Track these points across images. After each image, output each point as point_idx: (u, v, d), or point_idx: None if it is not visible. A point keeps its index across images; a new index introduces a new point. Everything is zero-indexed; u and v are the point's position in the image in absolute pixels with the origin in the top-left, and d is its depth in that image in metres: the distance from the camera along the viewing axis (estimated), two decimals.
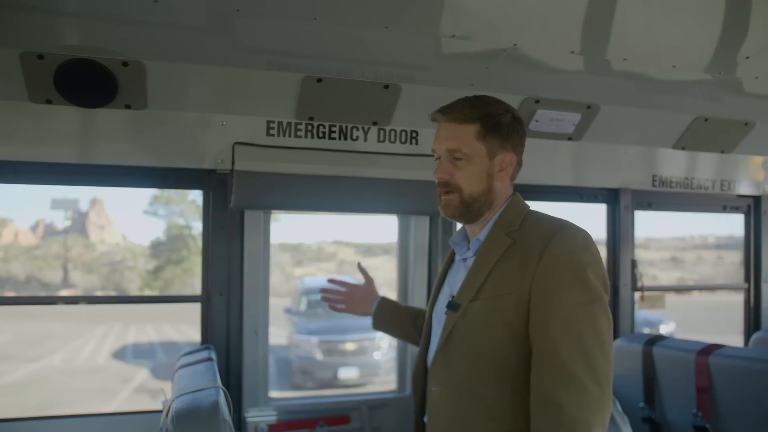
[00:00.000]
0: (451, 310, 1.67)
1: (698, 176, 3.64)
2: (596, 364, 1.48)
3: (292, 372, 9.94)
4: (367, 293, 2.34)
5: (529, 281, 1.56)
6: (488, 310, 1.60)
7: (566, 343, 1.48)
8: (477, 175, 1.69)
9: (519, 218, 1.70)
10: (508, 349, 1.58)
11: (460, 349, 1.64)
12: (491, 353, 1.59)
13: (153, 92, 2.51)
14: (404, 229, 3.21)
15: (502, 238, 1.66)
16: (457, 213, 1.71)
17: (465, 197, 1.69)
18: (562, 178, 3.31)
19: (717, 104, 3.12)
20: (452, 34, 2.26)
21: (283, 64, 2.50)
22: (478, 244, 1.72)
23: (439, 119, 1.74)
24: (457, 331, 1.65)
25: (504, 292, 1.59)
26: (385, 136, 2.93)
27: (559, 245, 1.56)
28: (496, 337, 1.59)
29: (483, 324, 1.60)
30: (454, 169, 1.69)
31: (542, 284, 1.54)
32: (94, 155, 2.59)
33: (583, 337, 1.49)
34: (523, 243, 1.62)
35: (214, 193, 2.76)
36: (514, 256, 1.61)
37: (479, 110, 1.68)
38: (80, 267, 20.48)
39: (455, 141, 1.69)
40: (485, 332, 1.60)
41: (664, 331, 10.85)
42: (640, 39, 2.36)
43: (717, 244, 21.74)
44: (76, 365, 11.92)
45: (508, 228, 1.68)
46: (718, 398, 2.65)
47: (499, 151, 1.70)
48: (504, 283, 1.60)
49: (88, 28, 2.20)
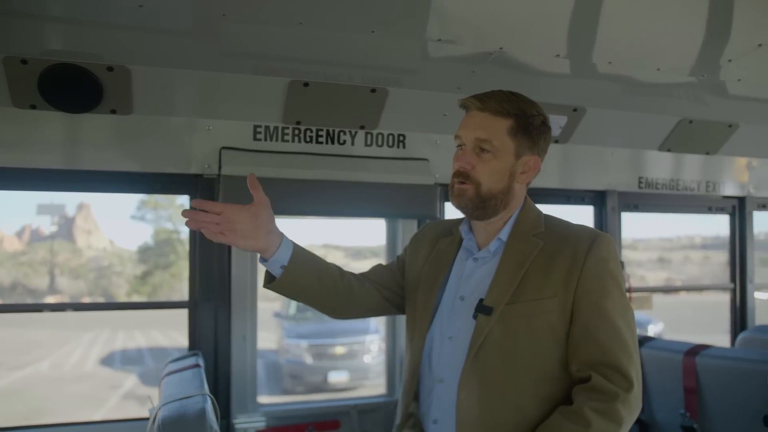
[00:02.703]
0: (484, 314, 1.57)
1: (684, 178, 3.67)
2: (638, 366, 1.54)
3: (282, 376, 9.90)
4: (257, 217, 1.60)
5: (573, 285, 1.54)
6: (531, 313, 1.55)
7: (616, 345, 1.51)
8: (500, 172, 1.61)
9: (540, 221, 1.67)
10: (550, 354, 1.55)
11: (496, 355, 1.55)
12: (533, 358, 1.54)
13: (138, 97, 2.50)
14: (392, 233, 3.21)
15: (531, 239, 1.62)
16: (471, 205, 1.62)
17: (482, 192, 1.60)
18: (549, 180, 3.32)
19: (701, 106, 3.14)
20: (438, 38, 2.26)
21: (269, 68, 2.49)
22: (499, 243, 1.66)
23: (472, 107, 1.63)
24: (492, 336, 1.56)
25: (546, 296, 1.55)
26: (373, 139, 2.93)
27: (599, 251, 1.56)
28: (539, 341, 1.54)
29: (525, 328, 1.55)
30: (478, 161, 1.60)
31: (587, 288, 1.54)
32: (79, 161, 2.57)
33: (627, 341, 1.53)
34: (559, 246, 1.59)
35: (202, 198, 2.74)
36: (552, 258, 1.57)
37: (516, 106, 1.62)
38: (67, 273, 20.30)
39: (487, 132, 1.59)
40: (527, 337, 1.54)
41: (653, 331, 10.92)
42: (624, 43, 2.38)
43: (703, 245, 21.92)
44: (64, 372, 11.80)
45: (533, 230, 1.64)
46: (706, 398, 2.67)
47: (527, 152, 1.64)
48: (546, 286, 1.55)
49: (73, 32, 2.18)
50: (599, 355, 1.51)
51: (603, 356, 1.51)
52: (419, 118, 2.87)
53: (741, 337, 3.48)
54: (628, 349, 1.52)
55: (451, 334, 1.63)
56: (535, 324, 1.55)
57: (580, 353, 1.54)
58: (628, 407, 1.49)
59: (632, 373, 1.50)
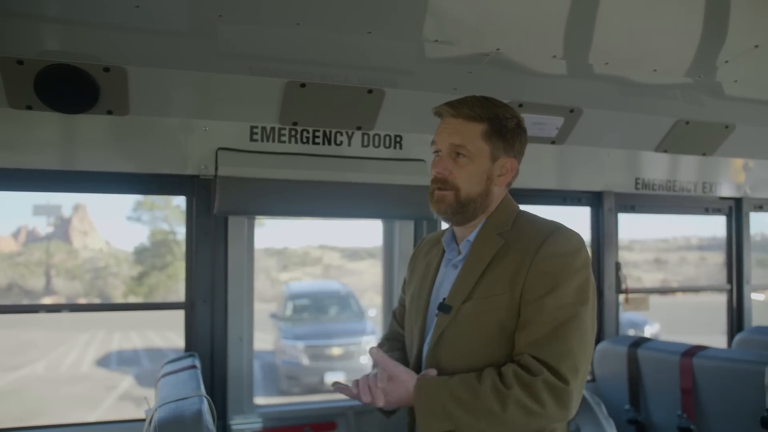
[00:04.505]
0: (443, 312, 1.65)
1: (680, 179, 3.68)
2: (577, 363, 1.51)
3: (279, 377, 9.90)
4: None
5: (521, 281, 1.56)
6: (481, 310, 1.59)
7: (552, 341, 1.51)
8: (477, 176, 1.66)
9: (510, 218, 1.69)
10: (501, 349, 1.58)
11: (451, 350, 1.63)
12: (484, 353, 1.59)
13: (135, 98, 2.49)
14: (389, 234, 3.21)
15: (493, 238, 1.65)
16: (450, 211, 1.67)
17: (461, 197, 1.65)
18: (546, 181, 3.33)
19: (698, 107, 3.15)
20: (435, 39, 2.26)
21: (265, 69, 2.49)
22: (468, 245, 1.70)
23: (446, 113, 1.68)
24: (448, 333, 1.63)
25: (497, 293, 1.58)
26: (369, 140, 2.93)
27: (552, 247, 1.57)
28: (488, 337, 1.59)
29: (475, 325, 1.60)
30: (455, 166, 1.65)
31: (534, 285, 1.55)
32: (76, 162, 2.57)
33: (568, 337, 1.51)
34: (515, 243, 1.62)
35: (198, 199, 2.74)
36: (507, 256, 1.61)
37: (489, 110, 1.66)
38: (63, 274, 20.26)
39: (461, 137, 1.64)
40: (477, 333, 1.60)
41: (649, 332, 10.95)
42: (621, 43, 2.38)
43: (700, 245, 21.98)
44: (60, 373, 11.78)
45: (499, 228, 1.67)
46: (703, 399, 2.68)
47: (502, 155, 1.68)
48: (497, 283, 1.59)
49: (69, 33, 2.18)
50: (531, 349, 1.52)
51: (535, 351, 1.52)
52: (416, 119, 2.87)
53: (738, 338, 3.49)
54: (566, 345, 1.51)
55: None
56: (485, 320, 1.59)
57: (516, 348, 1.56)
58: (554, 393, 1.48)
59: (564, 369, 1.49)
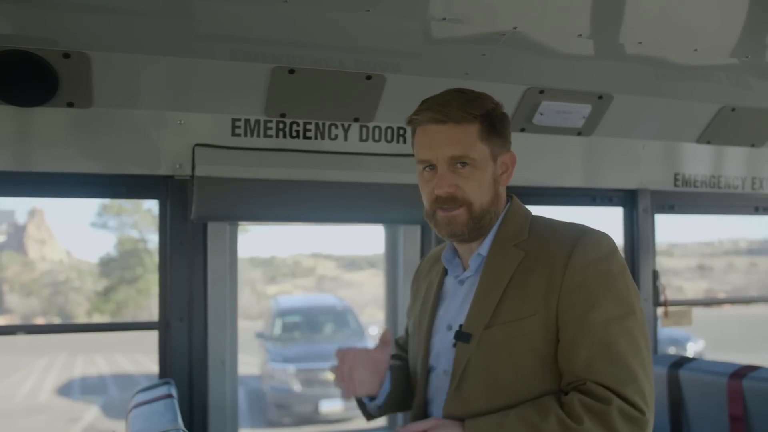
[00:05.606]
0: (462, 342, 1.60)
1: (726, 174, 3.68)
2: (642, 386, 1.47)
3: (266, 406, 9.90)
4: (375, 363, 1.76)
5: (555, 299, 1.53)
6: (509, 337, 1.55)
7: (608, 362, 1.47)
8: (486, 183, 1.63)
9: (525, 225, 1.67)
10: (539, 381, 1.54)
11: (478, 387, 1.58)
12: (519, 387, 1.55)
13: (99, 88, 2.50)
14: (392, 240, 3.22)
15: (511, 251, 1.63)
16: (466, 230, 1.62)
17: (475, 211, 1.61)
18: (571, 178, 3.33)
19: (745, 92, 3.15)
20: (443, 17, 2.27)
21: (249, 53, 2.50)
22: (479, 260, 1.67)
23: (430, 121, 1.62)
24: (472, 366, 1.58)
25: (526, 315, 1.55)
26: (369, 134, 2.94)
27: (583, 255, 1.54)
28: (522, 368, 1.55)
29: (505, 353, 1.55)
30: (459, 178, 1.60)
31: (571, 300, 1.52)
32: (32, 161, 2.58)
33: (624, 357, 1.48)
34: (539, 255, 1.59)
35: (173, 203, 2.75)
36: (532, 270, 1.58)
37: (477, 106, 1.62)
38: (17, 289, 20.29)
39: (461, 146, 1.59)
40: (508, 362, 1.55)
41: (692, 350, 10.93)
42: (657, 19, 2.39)
43: (750, 249, 21.97)
44: (14, 404, 11.78)
45: (515, 239, 1.64)
46: (755, 428, 2.67)
47: (501, 151, 1.67)
48: (525, 303, 1.56)
49: (24, 14, 2.18)
50: (589, 374, 1.48)
51: (594, 377, 1.48)
52: None
53: None
54: (624, 366, 1.47)
55: (445, 368, 1.67)
56: (516, 347, 1.55)
57: (567, 377, 1.53)
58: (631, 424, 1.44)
59: (630, 394, 1.45)
